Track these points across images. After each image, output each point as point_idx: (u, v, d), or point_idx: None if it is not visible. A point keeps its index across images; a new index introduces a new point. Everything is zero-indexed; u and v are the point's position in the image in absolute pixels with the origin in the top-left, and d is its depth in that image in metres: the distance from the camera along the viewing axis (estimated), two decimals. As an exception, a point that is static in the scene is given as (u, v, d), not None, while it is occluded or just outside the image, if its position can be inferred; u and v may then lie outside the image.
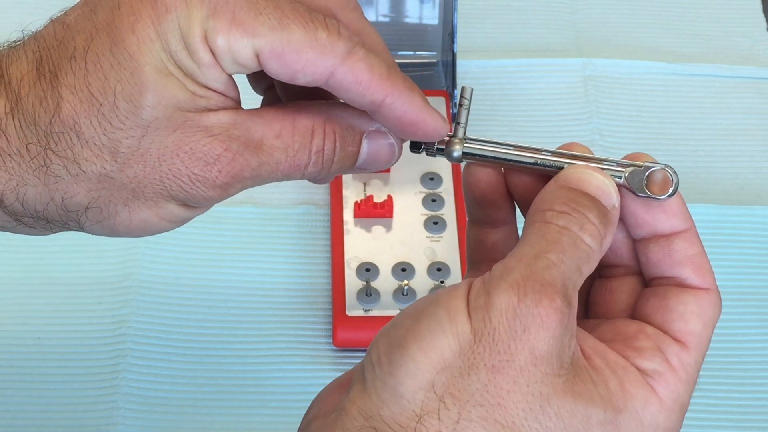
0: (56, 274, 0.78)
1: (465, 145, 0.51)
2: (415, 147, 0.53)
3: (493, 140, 0.51)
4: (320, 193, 0.82)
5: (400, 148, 0.53)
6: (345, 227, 0.77)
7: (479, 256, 0.53)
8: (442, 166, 0.81)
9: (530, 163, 0.50)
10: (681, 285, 0.49)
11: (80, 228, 0.52)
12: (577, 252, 0.46)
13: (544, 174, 0.50)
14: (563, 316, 0.44)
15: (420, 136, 0.52)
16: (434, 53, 0.87)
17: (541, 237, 0.46)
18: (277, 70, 0.49)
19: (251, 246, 0.80)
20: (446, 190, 0.80)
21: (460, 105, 0.52)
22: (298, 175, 0.52)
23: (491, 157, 0.51)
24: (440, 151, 0.52)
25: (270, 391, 0.73)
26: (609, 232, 0.48)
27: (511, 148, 0.51)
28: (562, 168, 0.50)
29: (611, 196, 0.48)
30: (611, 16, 0.96)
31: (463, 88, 0.52)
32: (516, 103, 0.89)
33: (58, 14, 0.51)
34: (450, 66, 0.85)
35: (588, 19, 0.95)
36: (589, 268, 0.47)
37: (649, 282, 0.50)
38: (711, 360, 0.75)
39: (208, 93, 0.50)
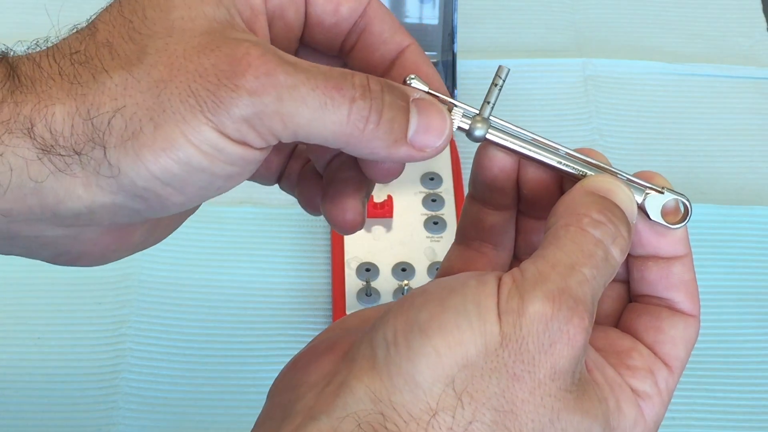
0: (56, 274, 0.77)
1: (489, 129, 0.50)
2: None
3: (516, 127, 0.50)
4: (320, 193, 0.82)
5: (451, 121, 0.50)
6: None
7: (473, 234, 0.53)
8: (442, 166, 0.81)
9: (552, 165, 0.50)
10: (672, 308, 0.50)
11: (106, 159, 0.46)
12: (607, 268, 0.46)
13: (560, 174, 0.50)
14: (587, 336, 0.44)
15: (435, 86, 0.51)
16: (434, 53, 0.87)
17: (576, 246, 0.46)
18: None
19: (251, 246, 0.80)
20: (446, 190, 0.80)
21: (494, 84, 0.50)
22: (345, 107, 0.47)
23: (513, 149, 0.50)
24: (462, 128, 0.50)
25: (270, 391, 0.73)
26: (629, 247, 0.48)
27: (534, 144, 0.50)
28: (583, 174, 0.49)
29: (633, 213, 0.48)
30: (611, 16, 0.96)
31: (500, 68, 0.50)
32: (516, 103, 0.89)
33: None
34: (450, 66, 0.85)
35: (588, 19, 0.95)
36: (609, 282, 0.47)
37: (635, 297, 0.51)
38: (711, 360, 0.75)
39: (238, 17, 0.48)
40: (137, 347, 0.74)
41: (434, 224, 0.78)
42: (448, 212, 0.79)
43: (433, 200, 0.79)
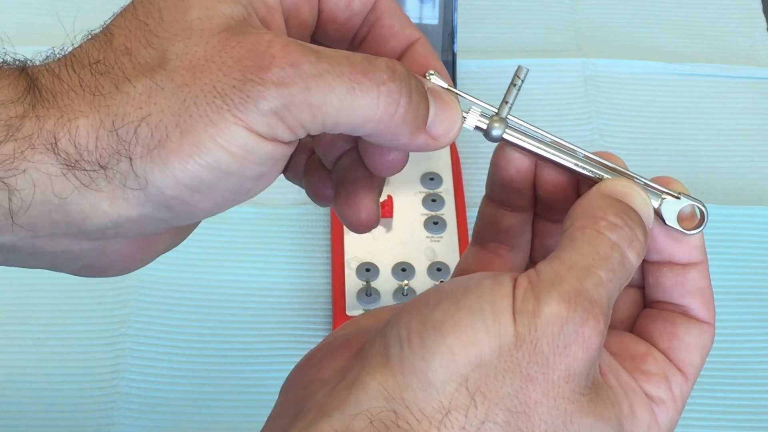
0: (56, 274, 0.77)
1: (506, 129, 0.50)
2: None
3: (534, 127, 0.50)
4: (320, 193, 0.82)
5: (462, 112, 0.50)
6: (345, 227, 0.77)
7: (488, 235, 0.53)
8: (442, 166, 0.81)
9: (569, 167, 0.50)
10: (687, 314, 0.50)
11: (133, 171, 0.46)
12: (623, 272, 0.46)
13: (577, 176, 0.50)
14: (602, 338, 0.44)
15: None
16: (434, 53, 0.87)
17: (592, 249, 0.45)
18: None
19: (251, 246, 0.80)
20: (446, 190, 0.80)
21: (512, 84, 0.50)
22: (374, 91, 0.46)
23: (530, 150, 0.50)
24: (480, 128, 0.50)
25: (270, 391, 0.72)
26: (645, 252, 0.48)
27: (551, 146, 0.50)
28: (600, 177, 0.49)
29: (650, 217, 0.48)
30: (611, 16, 0.96)
31: (519, 68, 0.50)
32: (516, 103, 0.88)
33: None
34: (450, 66, 0.85)
35: (588, 19, 0.95)
36: (625, 285, 0.47)
37: (650, 302, 0.51)
38: (711, 360, 0.74)
39: (254, 15, 0.48)
40: (137, 347, 0.74)
41: (434, 224, 0.78)
42: (448, 212, 0.78)
43: (433, 200, 0.79)
